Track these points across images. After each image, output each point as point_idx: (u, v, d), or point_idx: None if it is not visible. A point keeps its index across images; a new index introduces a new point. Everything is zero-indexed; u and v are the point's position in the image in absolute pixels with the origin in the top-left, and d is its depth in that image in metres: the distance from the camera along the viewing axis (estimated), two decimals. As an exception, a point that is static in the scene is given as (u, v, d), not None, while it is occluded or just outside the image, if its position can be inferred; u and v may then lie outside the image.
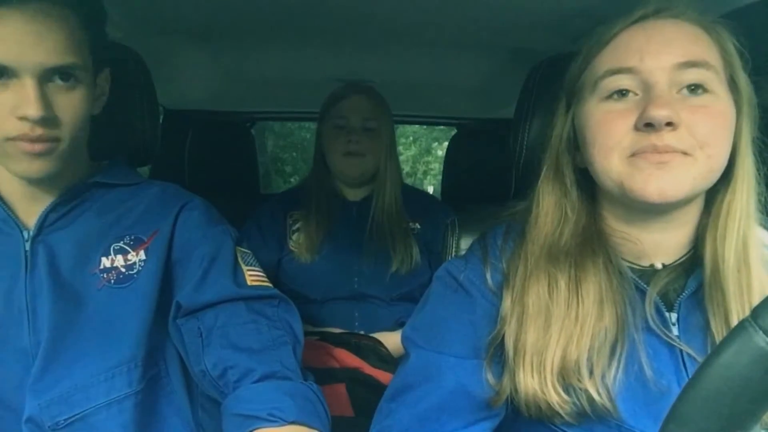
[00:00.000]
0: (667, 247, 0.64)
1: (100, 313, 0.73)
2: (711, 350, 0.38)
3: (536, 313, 0.61)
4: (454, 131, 2.14)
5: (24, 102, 0.62)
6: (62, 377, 0.71)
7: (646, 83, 0.57)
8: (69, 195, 0.74)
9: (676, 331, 0.61)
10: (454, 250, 0.94)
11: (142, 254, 0.76)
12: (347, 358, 1.20)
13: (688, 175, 0.56)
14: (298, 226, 1.33)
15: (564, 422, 0.60)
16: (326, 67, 1.50)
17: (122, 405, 0.73)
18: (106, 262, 0.75)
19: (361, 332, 1.27)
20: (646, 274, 0.63)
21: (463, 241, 0.94)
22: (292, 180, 6.27)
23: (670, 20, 0.59)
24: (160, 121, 0.96)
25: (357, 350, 1.21)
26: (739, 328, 0.36)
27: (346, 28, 1.18)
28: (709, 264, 0.60)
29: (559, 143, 0.67)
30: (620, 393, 0.58)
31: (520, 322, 0.62)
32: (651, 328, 0.60)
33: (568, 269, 0.62)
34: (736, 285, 0.59)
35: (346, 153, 1.31)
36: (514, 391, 0.61)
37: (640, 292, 0.62)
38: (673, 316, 0.62)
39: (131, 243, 0.76)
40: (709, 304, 0.60)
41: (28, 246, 0.72)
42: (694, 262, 0.63)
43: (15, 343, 0.71)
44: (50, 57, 0.64)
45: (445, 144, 2.82)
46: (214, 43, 1.30)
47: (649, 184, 0.56)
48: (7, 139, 0.64)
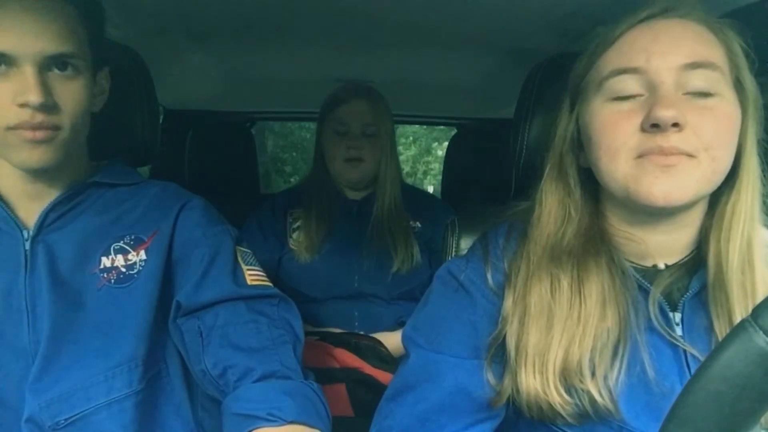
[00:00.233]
0: (670, 248, 0.63)
1: (100, 313, 0.73)
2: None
3: (538, 313, 0.61)
4: (454, 131, 2.14)
5: (25, 89, 0.64)
6: (62, 377, 0.71)
7: (652, 83, 0.57)
8: (69, 194, 0.74)
9: (679, 331, 0.61)
10: (454, 250, 0.94)
11: (143, 254, 0.76)
12: (347, 358, 1.20)
13: (693, 178, 0.55)
14: (298, 224, 1.33)
15: (565, 423, 0.59)
16: (326, 67, 1.50)
17: (123, 405, 0.73)
18: (106, 262, 0.75)
19: (361, 332, 1.27)
20: (649, 274, 0.63)
21: (463, 241, 0.94)
22: (292, 180, 6.27)
23: (676, 20, 0.58)
24: (160, 121, 0.96)
25: (357, 350, 1.21)
26: (739, 328, 0.36)
27: (346, 28, 1.18)
28: (712, 265, 0.60)
29: (563, 143, 0.67)
30: (622, 394, 0.58)
31: (522, 323, 0.61)
32: (654, 329, 0.60)
33: (570, 269, 0.62)
34: (740, 286, 0.59)
35: (346, 159, 1.30)
36: (516, 392, 0.61)
37: (644, 292, 0.62)
38: (677, 316, 0.61)
39: (131, 243, 0.76)
40: (713, 305, 0.60)
41: (27, 245, 0.72)
42: (697, 262, 0.63)
43: (15, 343, 0.71)
44: (49, 45, 0.65)
45: (445, 144, 2.82)
46: (214, 43, 1.30)
47: (654, 188, 0.55)
48: (8, 129, 0.65)
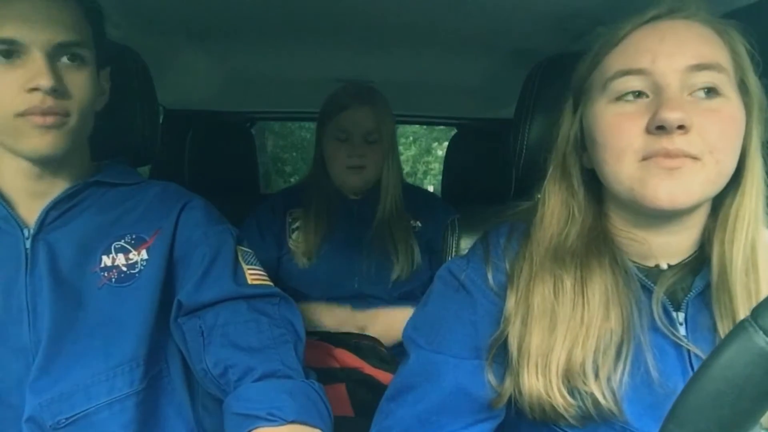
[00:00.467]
0: (673, 249, 0.63)
1: (101, 312, 0.73)
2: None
3: (541, 314, 0.61)
4: (454, 131, 2.14)
5: (35, 74, 0.65)
6: (63, 376, 0.71)
7: (658, 85, 0.56)
8: (70, 193, 0.74)
9: (683, 330, 0.61)
10: (454, 250, 0.94)
11: (144, 253, 0.76)
12: (347, 358, 1.20)
13: (698, 181, 0.55)
14: (297, 224, 1.32)
15: (568, 424, 0.59)
16: (326, 67, 1.50)
17: (124, 404, 0.73)
18: (106, 261, 0.75)
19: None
20: (652, 274, 0.63)
21: (463, 241, 0.94)
22: (292, 180, 6.28)
23: (681, 21, 0.58)
24: (160, 121, 0.96)
25: (357, 350, 1.21)
26: (739, 328, 0.37)
27: (346, 28, 1.18)
28: (716, 267, 0.60)
29: (566, 144, 0.67)
30: (626, 395, 0.58)
31: (525, 323, 0.61)
32: (658, 328, 0.60)
33: (573, 270, 0.61)
34: (744, 288, 0.58)
35: (347, 166, 1.28)
36: (518, 393, 0.61)
37: (647, 291, 0.62)
38: (681, 316, 0.61)
39: (132, 242, 0.76)
40: (717, 307, 0.60)
41: (28, 244, 0.72)
42: (700, 262, 0.63)
43: (15, 342, 0.71)
44: (58, 33, 0.67)
45: (445, 144, 2.82)
46: (214, 43, 1.30)
47: (659, 190, 0.55)
48: (17, 115, 0.66)
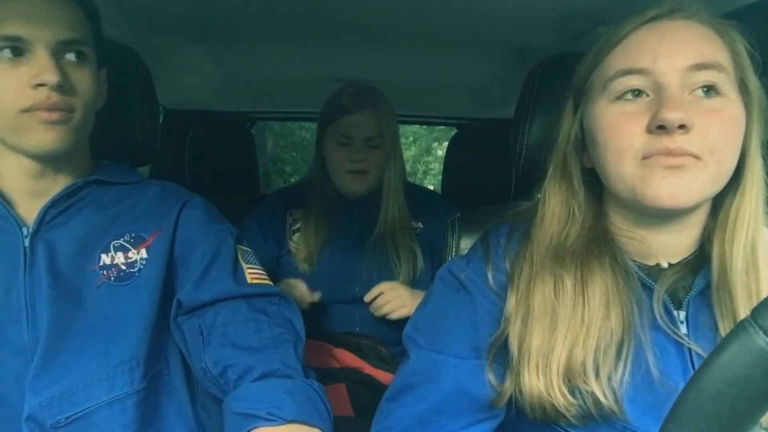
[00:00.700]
0: (673, 248, 0.63)
1: (100, 311, 0.73)
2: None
3: (542, 314, 0.61)
4: (454, 131, 2.14)
5: (41, 70, 0.66)
6: (62, 375, 0.71)
7: (659, 85, 0.56)
8: (69, 192, 0.74)
9: (684, 329, 0.61)
10: (454, 250, 0.94)
11: (144, 252, 0.76)
12: (347, 358, 1.20)
13: (699, 180, 0.55)
14: (298, 226, 1.31)
15: (569, 424, 0.59)
16: (326, 67, 1.50)
17: (124, 403, 0.73)
18: (105, 259, 0.75)
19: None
20: (652, 273, 0.63)
21: (463, 241, 0.94)
22: (292, 180, 6.27)
23: (682, 21, 0.58)
24: (160, 121, 0.96)
25: (357, 350, 1.21)
26: (739, 328, 0.36)
27: (346, 28, 1.18)
28: (716, 266, 0.60)
29: (567, 143, 0.67)
30: (626, 394, 0.58)
31: (526, 323, 0.61)
32: (659, 327, 0.60)
33: (574, 270, 0.61)
34: (744, 288, 0.58)
35: (348, 171, 1.26)
36: (519, 393, 0.61)
37: (648, 290, 0.62)
38: (682, 314, 0.61)
39: (132, 241, 0.76)
40: (717, 306, 0.60)
41: (27, 243, 0.72)
42: (700, 261, 0.63)
43: (14, 341, 0.71)
44: (62, 31, 0.68)
45: (445, 144, 2.82)
46: (214, 43, 1.30)
47: (661, 188, 0.55)
48: (23, 111, 0.66)
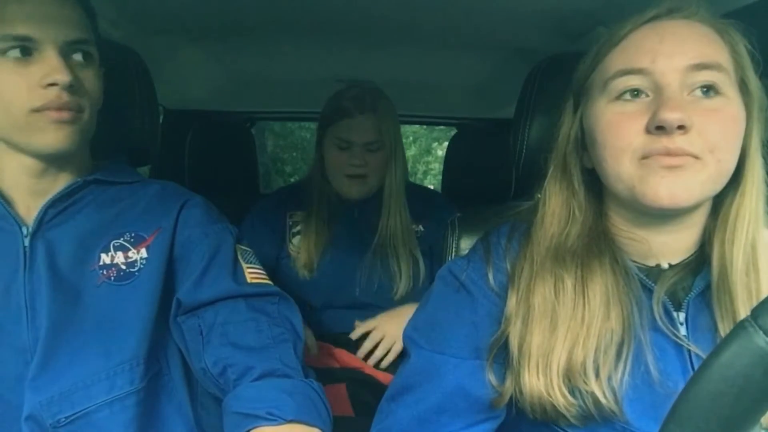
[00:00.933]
0: (673, 248, 0.63)
1: (100, 310, 0.73)
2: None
3: (542, 314, 0.61)
4: (454, 131, 2.14)
5: (52, 70, 0.66)
6: (62, 374, 0.71)
7: (658, 85, 0.56)
8: (69, 191, 0.74)
9: (684, 330, 0.61)
10: (454, 250, 0.94)
11: (144, 252, 0.76)
12: (347, 358, 1.20)
13: (698, 180, 0.55)
14: (298, 229, 1.29)
15: (569, 424, 0.59)
16: (326, 67, 1.50)
17: (124, 403, 0.73)
18: (105, 259, 0.75)
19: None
20: (652, 274, 0.63)
21: (463, 241, 0.94)
22: (292, 180, 6.27)
23: (682, 21, 0.58)
24: (160, 121, 0.96)
25: (357, 350, 1.21)
26: (739, 328, 0.36)
27: (346, 28, 1.18)
28: (716, 267, 0.60)
29: (567, 143, 0.67)
30: (626, 395, 0.58)
31: (526, 323, 0.61)
32: (658, 328, 0.60)
33: (574, 270, 0.61)
34: (745, 288, 0.58)
35: (347, 175, 1.24)
36: (519, 393, 0.61)
37: (648, 291, 0.62)
38: (681, 316, 0.61)
39: (132, 240, 0.76)
40: (717, 307, 0.60)
41: (27, 242, 0.72)
42: (700, 262, 0.63)
43: (14, 340, 0.71)
44: (69, 31, 0.68)
45: (445, 144, 2.82)
46: (214, 42, 1.30)
47: (660, 188, 0.55)
48: (33, 111, 0.66)
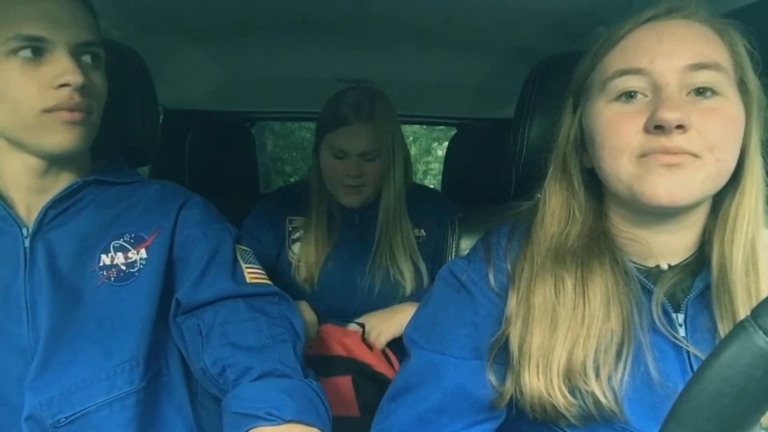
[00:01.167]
0: (673, 248, 0.63)
1: (100, 311, 0.73)
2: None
3: (542, 314, 0.61)
4: (454, 131, 2.14)
5: (65, 71, 0.67)
6: (62, 375, 0.71)
7: (656, 85, 0.56)
8: (69, 191, 0.74)
9: (683, 332, 0.61)
10: (454, 250, 0.94)
11: (144, 252, 0.76)
12: (357, 349, 1.13)
13: (698, 178, 0.55)
14: (298, 235, 1.26)
15: (569, 424, 0.59)
16: (326, 67, 1.50)
17: (124, 403, 0.73)
18: (105, 260, 0.75)
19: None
20: (652, 275, 0.63)
21: (463, 241, 0.94)
22: (292, 180, 6.27)
23: (681, 21, 0.58)
24: (160, 121, 0.96)
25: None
26: (739, 328, 0.37)
27: (346, 28, 1.18)
28: (716, 267, 0.60)
29: (566, 143, 0.67)
30: (626, 396, 0.58)
31: (526, 323, 0.61)
32: (658, 330, 0.60)
33: (574, 270, 0.61)
34: (744, 288, 0.58)
35: (344, 184, 1.20)
36: (519, 393, 0.61)
37: (647, 292, 0.62)
38: (680, 317, 0.61)
39: (131, 241, 0.76)
40: (717, 307, 0.60)
41: (27, 243, 0.72)
42: (700, 263, 0.63)
43: (14, 341, 0.71)
44: (81, 32, 0.69)
45: (445, 144, 2.81)
46: (214, 42, 1.30)
47: (659, 186, 0.55)
48: (45, 111, 0.67)
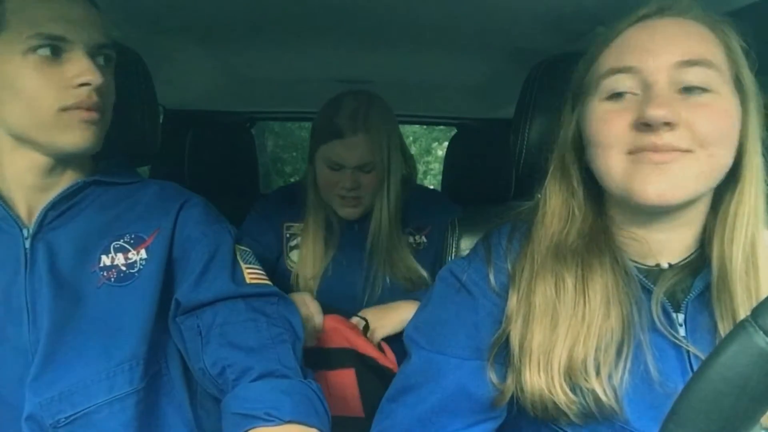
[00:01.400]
0: (672, 247, 0.63)
1: (100, 311, 0.73)
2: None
3: (543, 312, 0.61)
4: (454, 131, 2.14)
5: (85, 70, 0.68)
6: (62, 375, 0.71)
7: (646, 82, 0.57)
8: (68, 193, 0.74)
9: (683, 332, 0.60)
10: (454, 250, 0.94)
11: (143, 253, 0.76)
12: (363, 343, 1.09)
13: (690, 175, 0.55)
14: (296, 242, 1.24)
15: (569, 423, 0.59)
16: (326, 67, 1.50)
17: (124, 403, 0.73)
18: (105, 260, 0.75)
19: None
20: (652, 274, 0.63)
21: (463, 241, 0.94)
22: (292, 180, 6.26)
23: (673, 19, 0.59)
24: (160, 121, 0.96)
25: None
26: (739, 328, 0.37)
27: (346, 28, 1.18)
28: (716, 265, 0.60)
29: (565, 143, 0.67)
30: (626, 395, 0.58)
31: (527, 322, 0.61)
32: (657, 329, 0.60)
33: (575, 268, 0.62)
34: (744, 287, 0.58)
35: (341, 196, 1.18)
36: (520, 391, 0.61)
37: (647, 292, 0.62)
38: (680, 317, 0.61)
39: (131, 241, 0.76)
40: (717, 306, 0.59)
41: (27, 244, 0.72)
42: (701, 262, 0.63)
43: (14, 341, 0.71)
44: (98, 35, 0.70)
45: (445, 144, 2.81)
46: (214, 42, 1.30)
47: (648, 186, 0.55)
48: (62, 110, 0.68)
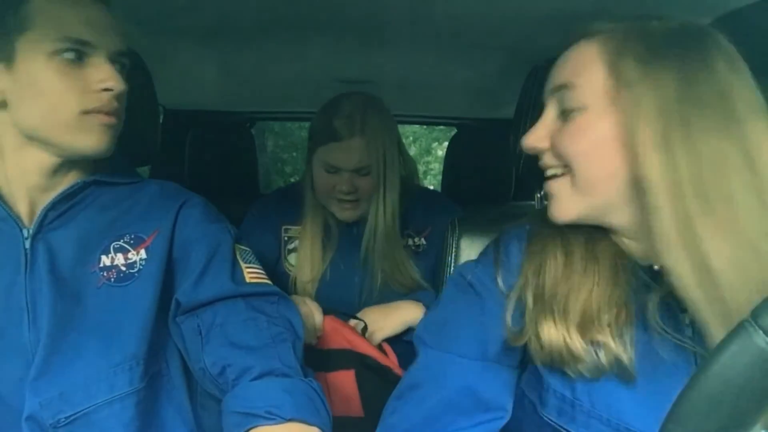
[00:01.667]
0: (653, 254, 0.61)
1: (100, 311, 0.73)
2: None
3: (555, 269, 0.63)
4: (454, 131, 2.14)
5: (107, 76, 0.69)
6: (62, 375, 0.71)
7: None
8: (69, 193, 0.74)
9: (689, 332, 0.59)
10: (454, 250, 0.94)
11: (143, 253, 0.76)
12: (361, 343, 1.10)
13: (566, 195, 0.61)
14: (294, 245, 1.24)
15: (580, 376, 0.59)
16: (326, 67, 1.50)
17: (124, 403, 0.73)
18: (105, 261, 0.75)
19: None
20: (655, 274, 0.62)
21: (463, 241, 0.94)
22: (292, 180, 6.27)
23: (573, 46, 0.63)
24: (160, 121, 0.96)
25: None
26: (739, 328, 0.37)
27: (346, 28, 1.18)
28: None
29: None
30: (628, 394, 0.58)
31: (538, 275, 0.63)
32: (663, 330, 0.59)
33: (584, 243, 0.63)
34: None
35: (338, 199, 1.18)
36: (536, 339, 0.61)
37: (650, 291, 0.61)
38: (687, 317, 0.59)
39: (131, 242, 0.77)
40: None
41: (27, 244, 0.72)
42: None
43: (15, 341, 0.71)
44: (118, 41, 0.72)
45: (445, 144, 2.81)
46: (213, 42, 1.30)
47: (550, 210, 0.63)
48: (84, 112, 0.68)
